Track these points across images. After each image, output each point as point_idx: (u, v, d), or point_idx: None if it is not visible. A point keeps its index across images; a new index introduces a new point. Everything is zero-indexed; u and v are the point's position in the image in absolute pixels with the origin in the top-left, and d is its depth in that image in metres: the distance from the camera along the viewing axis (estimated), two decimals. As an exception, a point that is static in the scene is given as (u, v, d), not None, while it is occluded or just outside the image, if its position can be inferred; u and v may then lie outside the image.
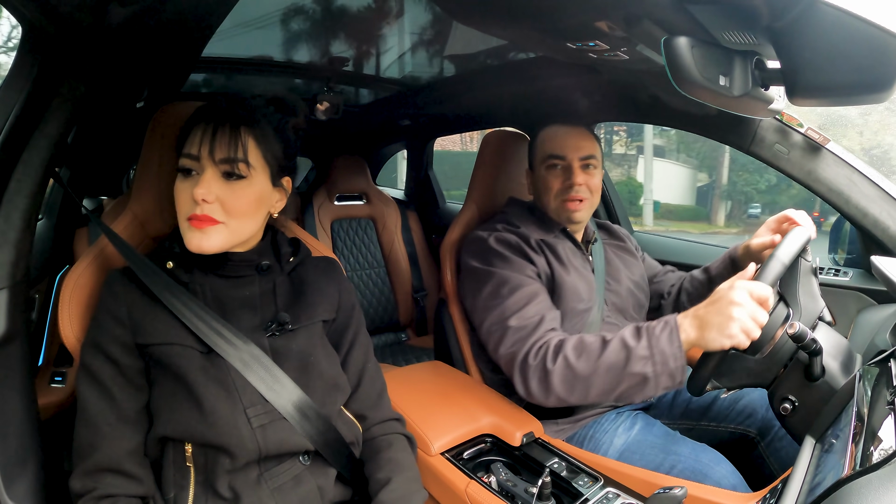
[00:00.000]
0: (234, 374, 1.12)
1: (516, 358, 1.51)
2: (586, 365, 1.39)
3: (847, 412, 0.99)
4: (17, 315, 1.27)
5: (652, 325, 1.37)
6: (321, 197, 3.31)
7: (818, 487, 0.80)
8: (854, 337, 1.61)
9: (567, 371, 1.41)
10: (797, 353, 1.27)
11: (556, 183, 1.74)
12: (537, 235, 1.73)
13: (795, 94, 1.10)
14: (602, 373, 1.38)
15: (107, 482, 1.06)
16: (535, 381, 1.46)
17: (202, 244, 1.12)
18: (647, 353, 1.33)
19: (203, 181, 1.11)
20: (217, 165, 1.13)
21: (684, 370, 1.32)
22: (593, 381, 1.39)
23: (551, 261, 1.68)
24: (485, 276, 1.65)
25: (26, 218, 1.26)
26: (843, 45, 0.98)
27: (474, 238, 1.76)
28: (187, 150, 1.14)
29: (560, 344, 1.46)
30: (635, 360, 1.34)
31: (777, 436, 1.57)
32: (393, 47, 2.30)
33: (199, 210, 1.11)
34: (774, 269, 1.29)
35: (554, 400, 1.46)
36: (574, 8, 1.16)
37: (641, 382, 1.35)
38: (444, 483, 1.35)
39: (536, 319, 1.53)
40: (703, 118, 1.89)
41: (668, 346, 1.32)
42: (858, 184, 1.69)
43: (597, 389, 1.40)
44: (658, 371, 1.32)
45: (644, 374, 1.33)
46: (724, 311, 1.24)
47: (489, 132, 2.01)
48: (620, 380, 1.36)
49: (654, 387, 1.34)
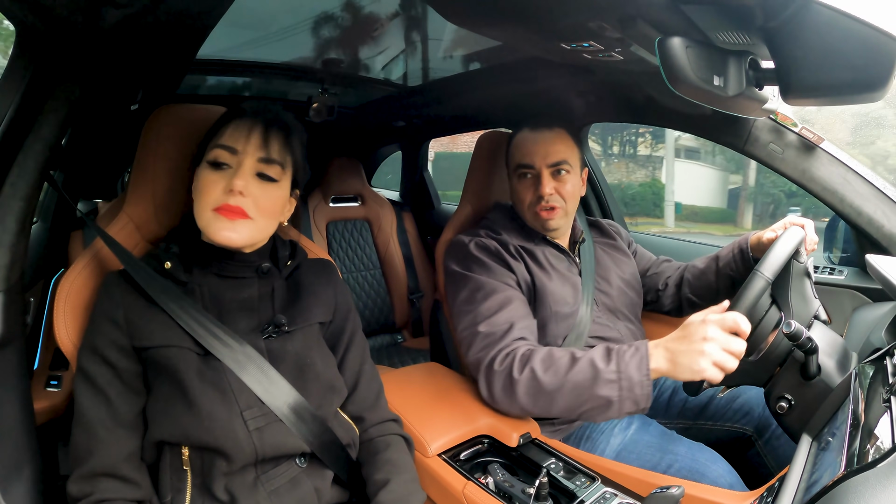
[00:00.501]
0: (230, 376, 1.12)
1: (482, 363, 1.51)
2: (552, 380, 1.39)
3: (843, 410, 0.99)
4: (12, 319, 1.26)
5: (623, 350, 1.36)
6: (316, 198, 3.30)
7: (815, 485, 0.81)
8: (849, 335, 1.62)
9: (532, 383, 1.41)
10: (793, 351, 1.27)
11: (527, 193, 1.73)
12: (518, 242, 1.73)
13: (790, 93, 1.10)
14: (567, 390, 1.37)
15: (104, 487, 1.06)
16: (500, 387, 1.46)
17: (232, 235, 1.14)
18: (615, 377, 1.33)
19: (242, 173, 1.13)
20: (258, 164, 1.15)
21: (650, 398, 1.32)
22: (557, 397, 1.39)
23: (531, 267, 1.68)
24: (462, 280, 1.66)
25: (21, 221, 1.26)
26: (836, 45, 0.98)
27: (456, 242, 1.76)
28: (226, 143, 1.14)
29: (528, 354, 1.45)
30: (602, 382, 1.33)
31: (774, 434, 1.58)
32: (387, 49, 2.30)
33: (233, 201, 1.12)
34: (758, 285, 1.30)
35: (517, 409, 1.47)
36: (568, 9, 1.16)
37: (605, 405, 1.34)
38: (441, 484, 1.35)
39: (506, 327, 1.53)
40: (698, 118, 1.89)
41: (636, 372, 1.31)
42: (853, 182, 1.69)
43: (560, 405, 1.40)
44: (623, 396, 1.32)
45: (609, 398, 1.33)
46: (695, 346, 1.24)
47: (483, 133, 2.01)
48: (585, 400, 1.36)
49: (616, 411, 1.34)
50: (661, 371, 1.31)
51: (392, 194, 4.24)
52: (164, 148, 1.30)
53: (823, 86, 1.03)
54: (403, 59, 2.45)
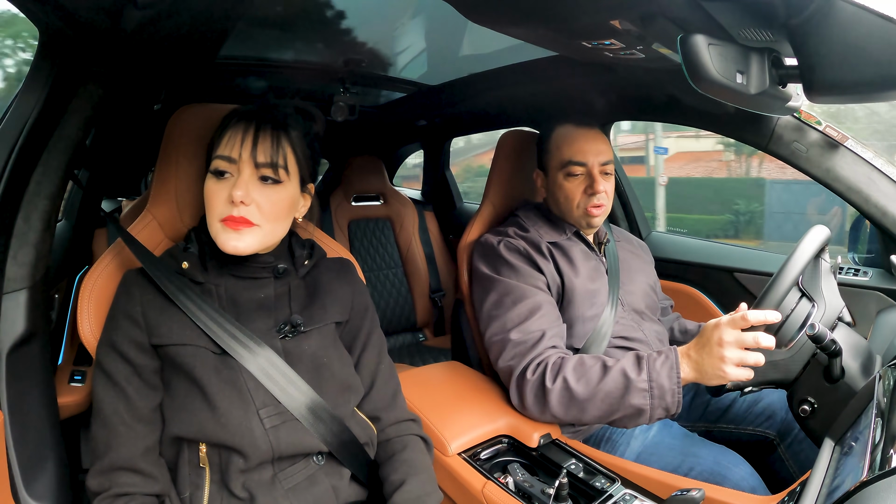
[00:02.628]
0: (246, 375, 1.12)
1: (514, 372, 1.52)
2: (585, 389, 1.40)
3: (867, 414, 0.98)
4: (36, 315, 1.29)
5: (653, 358, 1.37)
6: (338, 197, 3.31)
7: (837, 490, 0.79)
8: (874, 337, 1.60)
9: (565, 392, 1.42)
10: (816, 354, 1.26)
11: (577, 192, 1.71)
12: (548, 238, 1.72)
13: (813, 91, 1.09)
14: (599, 400, 1.39)
15: (122, 481, 1.07)
16: (532, 396, 1.47)
17: (238, 245, 1.14)
18: (647, 386, 1.35)
19: (241, 183, 1.13)
20: (257, 169, 1.15)
21: (679, 405, 1.34)
22: (589, 407, 1.40)
23: (561, 265, 1.67)
24: (491, 283, 1.66)
25: (46, 219, 1.27)
26: (860, 41, 0.97)
27: (484, 243, 1.75)
28: (223, 153, 1.15)
29: (559, 363, 1.46)
30: (634, 391, 1.35)
31: (797, 438, 1.56)
32: (408, 48, 2.30)
33: (236, 212, 1.13)
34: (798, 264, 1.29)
35: (548, 417, 1.48)
36: (589, 7, 1.16)
37: (637, 414, 1.37)
38: (460, 483, 1.35)
39: (538, 335, 1.53)
40: (721, 116, 1.87)
41: (668, 381, 1.34)
42: (878, 182, 1.67)
43: (591, 414, 1.41)
44: (655, 405, 1.35)
45: (640, 407, 1.35)
46: (714, 353, 1.27)
47: (505, 132, 2.00)
48: (616, 409, 1.38)
49: (647, 418, 1.37)
50: (689, 380, 1.33)
51: (414, 193, 4.24)
52: (185, 147, 1.32)
53: (847, 83, 1.02)
54: (425, 58, 2.45)
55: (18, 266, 1.25)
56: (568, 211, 1.74)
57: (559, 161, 1.73)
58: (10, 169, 1.19)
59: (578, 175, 1.71)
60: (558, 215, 1.79)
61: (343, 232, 3.28)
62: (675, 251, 2.47)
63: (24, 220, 1.25)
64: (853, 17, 0.96)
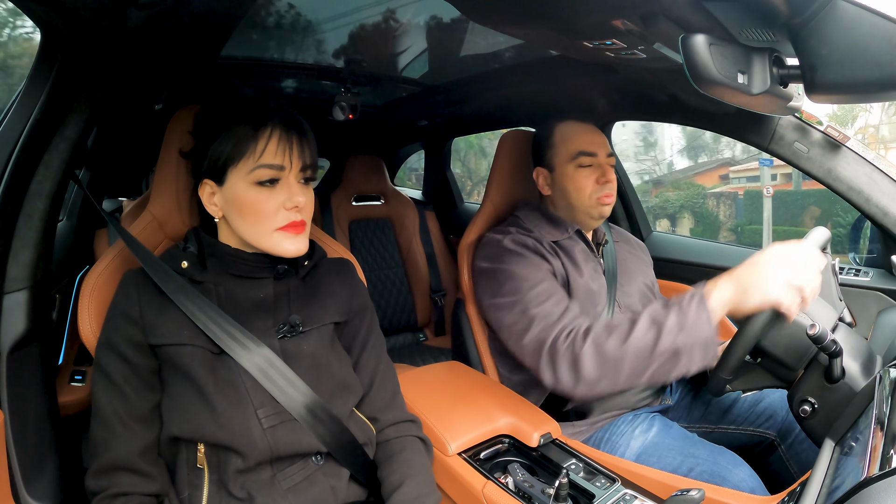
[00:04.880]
0: (244, 375, 1.13)
1: (545, 344, 1.48)
2: (616, 344, 1.36)
3: (867, 414, 0.98)
4: (37, 315, 1.29)
5: (679, 298, 1.34)
6: (339, 197, 3.31)
7: (837, 490, 0.79)
8: (875, 338, 1.60)
9: (597, 352, 1.39)
10: (817, 354, 1.26)
11: (588, 182, 1.72)
12: (550, 237, 1.72)
13: (814, 91, 1.09)
14: (632, 353, 1.34)
15: (120, 480, 1.07)
16: (565, 366, 1.43)
17: (301, 247, 1.20)
18: (678, 325, 1.30)
19: (296, 188, 1.17)
20: (302, 171, 1.18)
21: (716, 340, 1.29)
22: (624, 362, 1.35)
23: (565, 263, 1.67)
24: (502, 274, 1.64)
25: (46, 219, 1.28)
26: (862, 41, 0.97)
27: (489, 240, 1.75)
28: (272, 162, 1.15)
29: (588, 328, 1.43)
30: (667, 332, 1.31)
31: (797, 439, 1.56)
32: (410, 48, 2.31)
33: (297, 216, 1.17)
34: None
35: (583, 387, 1.42)
36: (590, 7, 1.16)
37: (674, 357, 1.31)
38: (460, 483, 1.35)
39: (561, 308, 1.52)
40: (722, 116, 1.87)
41: (698, 315, 1.29)
42: (879, 182, 1.67)
43: (627, 370, 1.36)
44: (690, 342, 1.29)
45: (676, 348, 1.30)
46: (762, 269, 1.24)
47: (506, 132, 2.01)
48: (651, 359, 1.33)
49: (687, 361, 1.30)
50: (725, 301, 1.29)
51: (415, 193, 4.24)
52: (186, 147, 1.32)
53: (849, 83, 1.02)
54: (426, 58, 2.45)
55: (19, 266, 1.25)
56: (579, 202, 1.74)
57: (568, 153, 1.74)
58: (12, 169, 1.19)
59: (589, 166, 1.73)
60: (566, 209, 1.78)
61: (344, 232, 3.28)
62: (675, 251, 2.47)
63: (25, 220, 1.25)
64: (855, 17, 0.96)
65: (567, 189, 1.75)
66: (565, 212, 1.79)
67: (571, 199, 1.75)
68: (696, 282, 2.15)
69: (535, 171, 1.84)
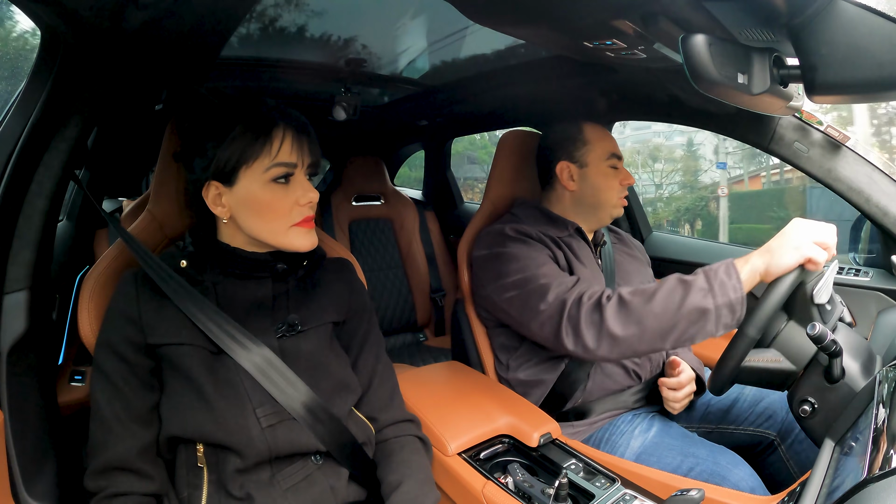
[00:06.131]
0: (243, 374, 1.13)
1: (565, 304, 1.46)
2: (641, 300, 1.36)
3: (867, 414, 0.98)
4: (37, 315, 1.29)
5: (708, 266, 1.35)
6: (339, 197, 3.31)
7: (837, 490, 0.79)
8: (875, 338, 1.60)
9: (622, 309, 1.38)
10: (817, 354, 1.26)
11: (615, 182, 1.77)
12: (552, 234, 1.72)
13: (815, 91, 1.09)
14: (658, 308, 1.33)
15: (119, 480, 1.07)
16: (588, 324, 1.41)
17: (314, 241, 1.23)
18: (706, 285, 1.30)
19: (306, 184, 1.20)
20: (309, 168, 1.21)
21: (744, 305, 1.28)
22: (648, 319, 1.34)
23: (568, 255, 1.68)
24: (506, 256, 1.64)
25: (46, 219, 1.28)
26: (862, 42, 0.97)
27: (491, 230, 1.75)
28: (285, 160, 1.16)
29: (611, 292, 1.43)
30: (694, 291, 1.31)
31: (797, 439, 1.56)
32: (410, 48, 2.30)
33: (310, 211, 1.20)
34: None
35: (606, 346, 1.40)
36: (590, 7, 1.16)
37: (700, 317, 1.30)
38: (460, 484, 1.35)
39: (574, 279, 1.54)
40: (722, 116, 1.87)
41: (727, 277, 1.29)
42: (879, 182, 1.67)
43: (651, 327, 1.34)
44: (718, 303, 1.28)
45: (704, 307, 1.29)
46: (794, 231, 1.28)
47: (506, 132, 2.01)
48: (679, 316, 1.31)
49: (714, 322, 1.29)
50: (756, 268, 1.30)
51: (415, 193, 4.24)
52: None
53: (849, 83, 1.02)
54: (426, 58, 2.45)
55: (19, 266, 1.25)
56: (607, 199, 1.78)
57: (604, 152, 1.78)
58: (12, 169, 1.19)
59: (617, 168, 1.78)
60: (588, 207, 1.81)
61: (344, 232, 3.28)
62: (675, 251, 2.47)
63: (24, 220, 1.25)
64: (855, 17, 0.96)
65: (599, 186, 1.78)
66: (583, 208, 1.80)
67: (601, 196, 1.78)
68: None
69: (560, 166, 1.81)
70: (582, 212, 1.80)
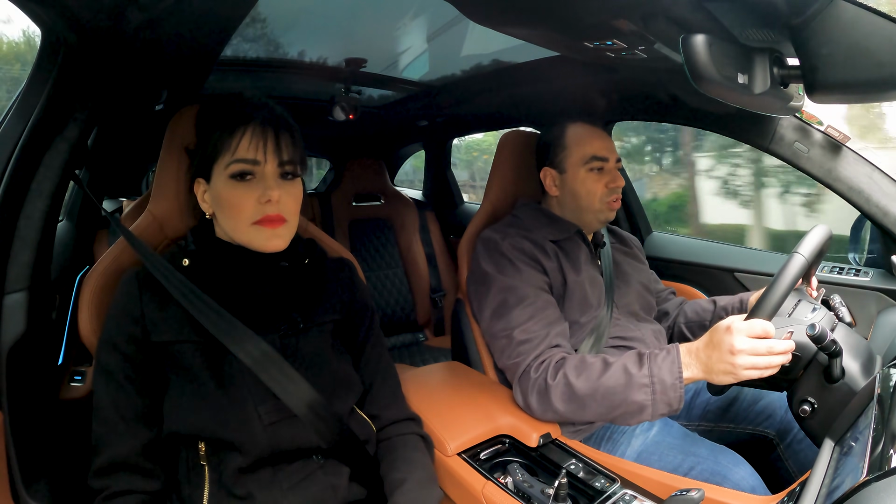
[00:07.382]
0: (245, 372, 1.13)
1: (518, 369, 1.52)
2: (586, 385, 1.40)
3: (867, 414, 0.98)
4: (37, 315, 1.29)
5: (654, 354, 1.37)
6: (339, 198, 3.32)
7: (837, 490, 0.79)
8: (874, 338, 1.60)
9: (566, 389, 1.42)
10: (817, 354, 1.26)
11: (598, 186, 1.73)
12: (551, 237, 1.72)
13: (815, 91, 1.09)
14: (600, 396, 1.38)
15: (122, 478, 1.08)
16: (535, 395, 1.47)
17: (279, 242, 1.19)
18: (648, 381, 1.34)
19: (272, 183, 1.17)
20: (280, 167, 1.18)
21: (682, 400, 1.32)
22: (590, 402, 1.39)
23: (564, 265, 1.67)
24: (493, 281, 1.65)
25: (46, 219, 1.28)
26: (863, 42, 0.97)
27: (488, 239, 1.74)
28: (245, 156, 1.15)
29: (561, 361, 1.47)
30: (635, 387, 1.34)
31: (796, 438, 1.56)
32: (410, 48, 2.30)
33: (272, 210, 1.16)
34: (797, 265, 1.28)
35: (551, 415, 1.47)
36: (591, 7, 1.16)
37: (638, 410, 1.35)
38: (460, 484, 1.35)
39: (542, 334, 1.53)
40: (723, 117, 1.87)
41: (669, 376, 1.32)
42: (879, 182, 1.67)
43: (592, 410, 1.40)
44: (657, 400, 1.33)
45: (642, 403, 1.34)
46: (725, 358, 1.24)
47: (506, 132, 2.00)
48: (618, 404, 1.37)
49: (650, 414, 1.35)
50: (696, 378, 1.32)
51: (415, 193, 4.24)
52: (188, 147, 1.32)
53: (849, 83, 1.02)
54: (426, 58, 2.45)
55: (19, 266, 1.25)
56: (589, 205, 1.75)
57: (582, 156, 1.75)
58: (12, 169, 1.19)
59: (601, 170, 1.74)
60: (574, 211, 1.79)
61: (344, 232, 3.28)
62: (676, 251, 2.47)
63: (24, 220, 1.25)
64: (855, 17, 0.96)
65: (578, 192, 1.76)
66: (571, 213, 1.79)
67: (582, 201, 1.76)
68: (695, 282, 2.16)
69: (543, 172, 1.83)
70: (574, 216, 1.79)
